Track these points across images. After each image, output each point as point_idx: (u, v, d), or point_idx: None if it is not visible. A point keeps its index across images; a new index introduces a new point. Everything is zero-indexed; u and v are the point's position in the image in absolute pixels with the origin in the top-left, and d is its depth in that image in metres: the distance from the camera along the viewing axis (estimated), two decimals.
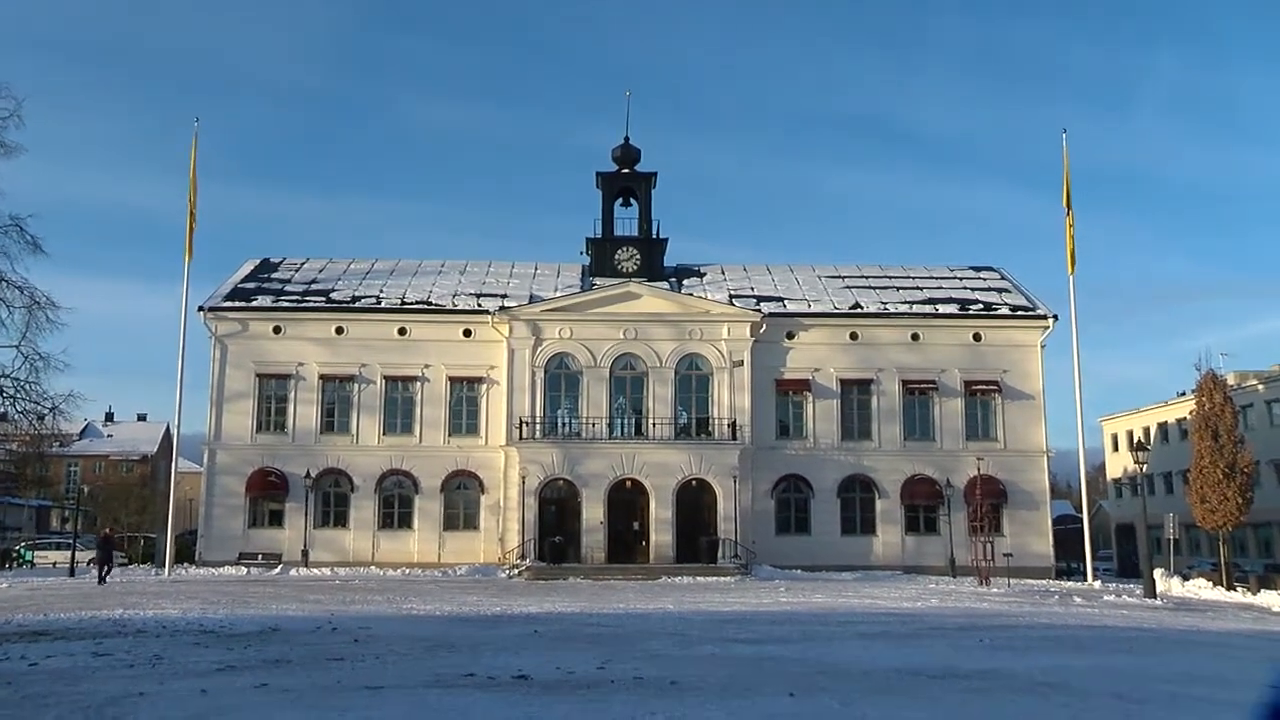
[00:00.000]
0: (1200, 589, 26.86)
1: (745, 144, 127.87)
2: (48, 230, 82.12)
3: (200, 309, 35.02)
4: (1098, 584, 30.65)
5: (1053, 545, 34.71)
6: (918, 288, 38.41)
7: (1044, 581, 30.95)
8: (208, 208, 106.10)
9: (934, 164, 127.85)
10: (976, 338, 35.96)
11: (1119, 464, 55.33)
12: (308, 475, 33.56)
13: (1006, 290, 38.20)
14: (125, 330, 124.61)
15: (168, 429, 62.28)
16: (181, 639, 12.92)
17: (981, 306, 36.64)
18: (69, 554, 34.40)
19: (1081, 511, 38.84)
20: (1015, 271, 41.48)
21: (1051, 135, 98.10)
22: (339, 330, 35.26)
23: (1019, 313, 36.32)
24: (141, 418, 67.53)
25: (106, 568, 26.75)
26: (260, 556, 32.97)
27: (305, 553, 33.23)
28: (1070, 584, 30.86)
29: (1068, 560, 38.08)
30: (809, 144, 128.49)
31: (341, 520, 34.28)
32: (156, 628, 14.30)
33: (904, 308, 36.41)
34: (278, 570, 31.73)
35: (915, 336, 35.89)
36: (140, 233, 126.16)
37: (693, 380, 34.96)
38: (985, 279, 39.58)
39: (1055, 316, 35.96)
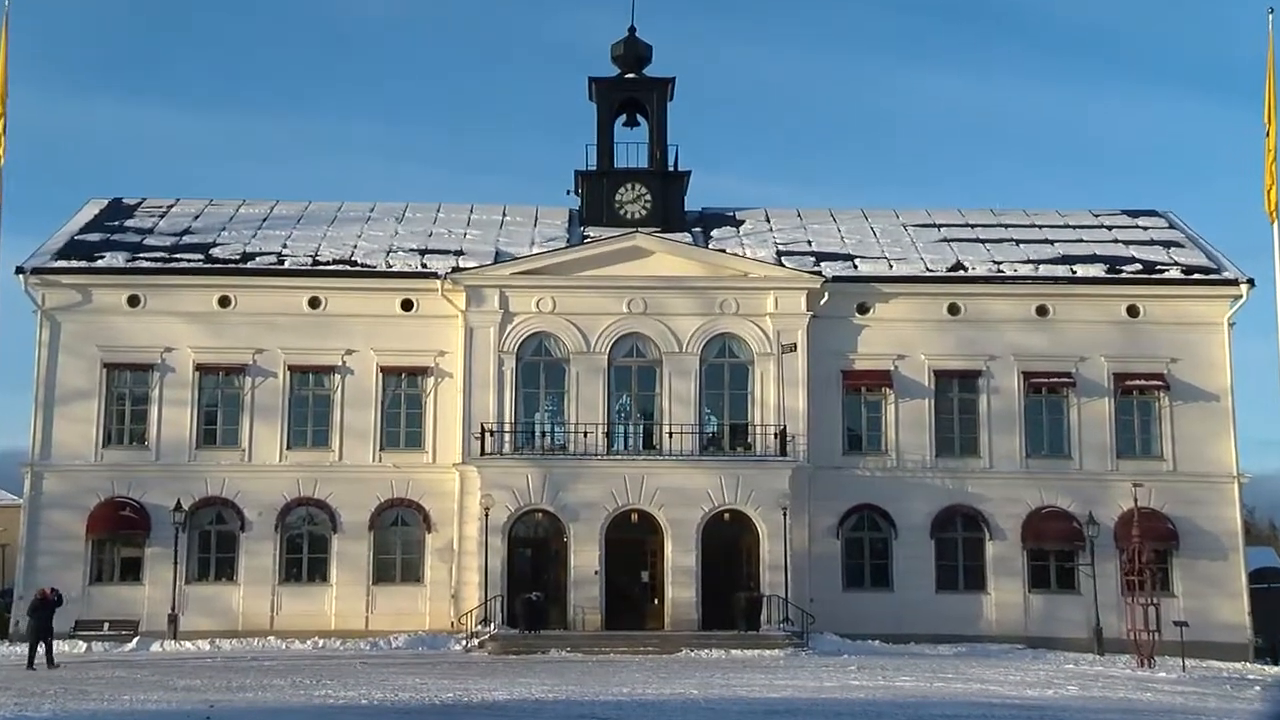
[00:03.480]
0: None
1: (800, 40, 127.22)
2: None
3: (19, 271, 34.86)
4: None
5: (1249, 612, 34.43)
6: (1047, 240, 38.26)
7: (1237, 665, 30.74)
8: (28, 125, 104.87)
9: (1070, 66, 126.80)
10: (1133, 312, 35.74)
11: None
12: (178, 508, 33.45)
13: (1178, 244, 38.00)
14: None
15: None
16: None
17: (1140, 267, 36.44)
18: None
19: None
20: (1191, 217, 41.07)
21: (1249, 19, 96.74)
22: (224, 301, 35.25)
23: (1196, 276, 36.13)
24: None
25: (47, 643, 26.14)
26: (108, 625, 32.76)
27: (174, 618, 33.11)
28: (1278, 670, 30.60)
29: (1272, 634, 37.68)
30: (890, 39, 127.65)
31: (227, 571, 34.28)
32: None
33: (1027, 269, 36.30)
34: (133, 644, 31.52)
35: (1043, 310, 35.77)
36: None
37: (725, 372, 34.95)
38: (1146, 227, 39.40)
39: (1250, 281, 35.66)
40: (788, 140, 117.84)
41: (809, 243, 37.83)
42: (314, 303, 35.31)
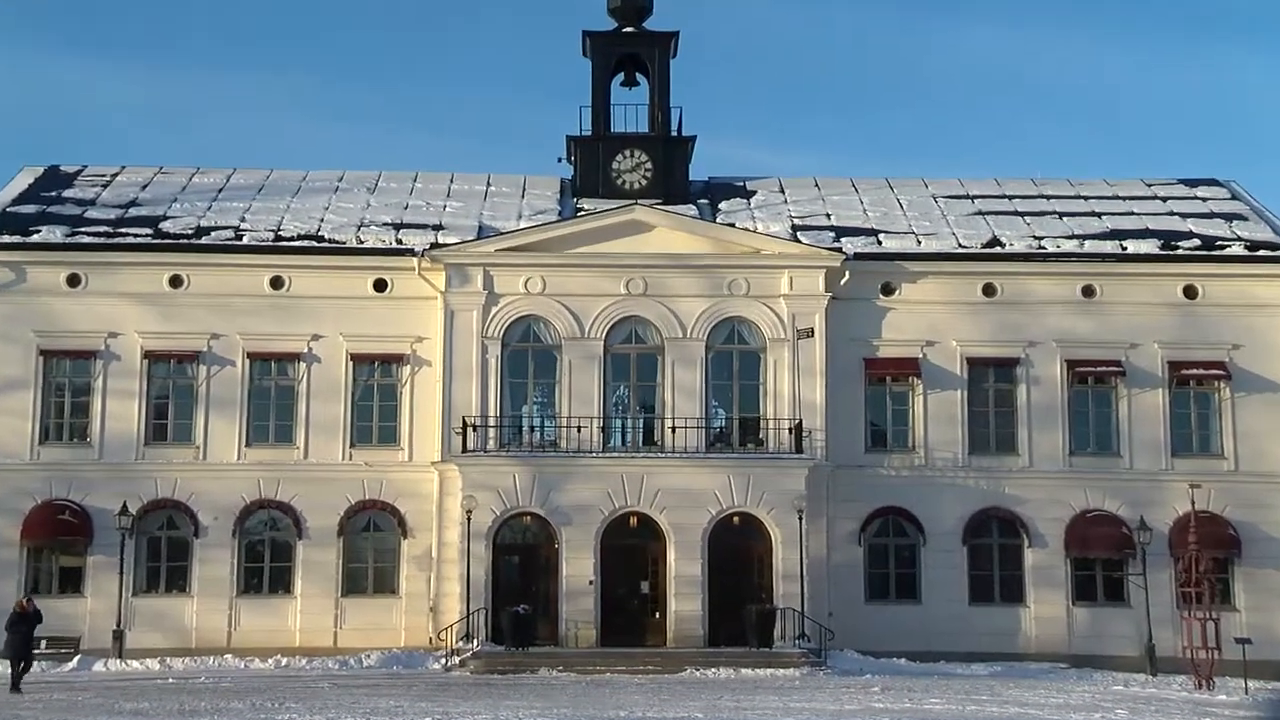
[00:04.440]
0: None
1: None
2: None
3: None
4: None
5: None
6: (1094, 213, 38.21)
7: None
8: None
9: (1120, 17, 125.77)
10: (1190, 293, 35.70)
11: None
12: (124, 512, 33.28)
13: (1240, 217, 37.94)
14: None
15: None
16: None
17: (1199, 243, 36.38)
18: None
19: None
20: (1256, 187, 41.43)
21: None
22: (175, 281, 35.14)
23: (1261, 252, 36.07)
24: None
25: (24, 663, 26.02)
26: (45, 642, 31.86)
27: (120, 634, 33.06)
28: None
29: None
30: None
31: (179, 582, 34.24)
32: None
33: (1072, 245, 36.27)
34: (74, 664, 31.41)
35: (1089, 291, 35.74)
36: None
37: (734, 360, 34.99)
38: (1205, 198, 39.41)
39: None
40: (804, 102, 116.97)
41: (828, 216, 37.72)
42: (276, 283, 35.16)
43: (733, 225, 36.41)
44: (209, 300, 34.93)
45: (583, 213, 36.56)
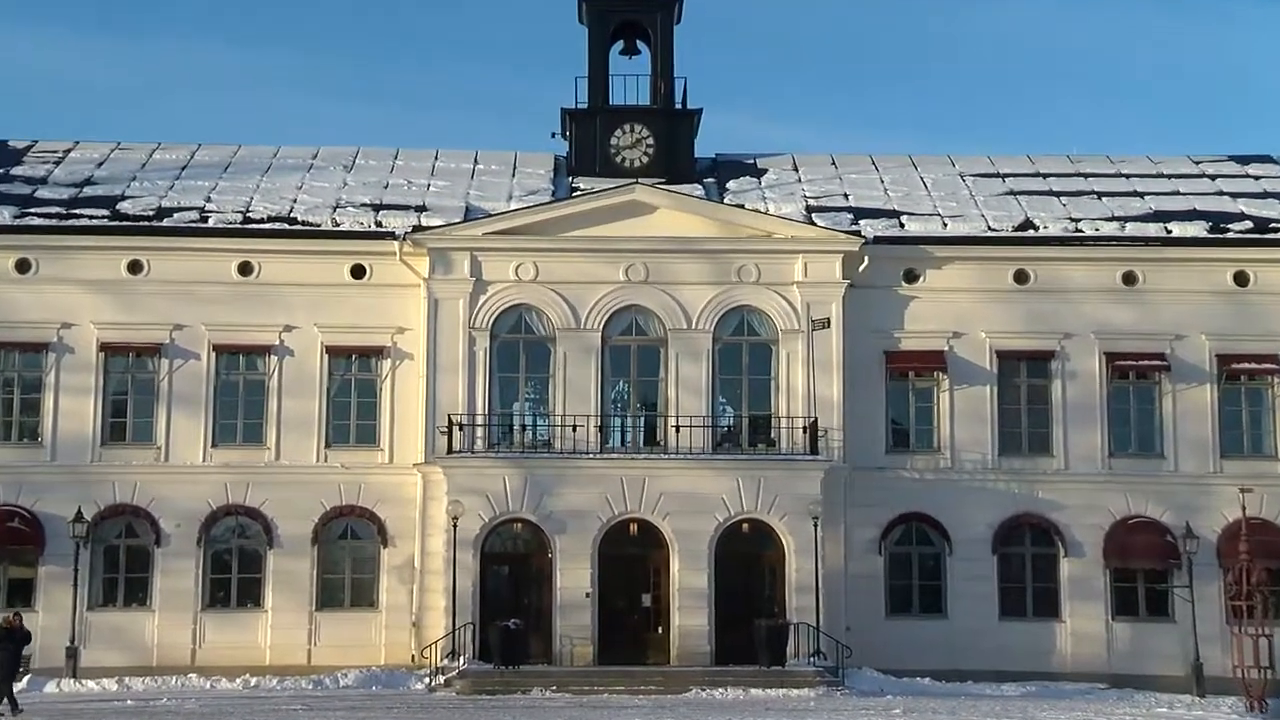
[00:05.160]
0: None
1: None
2: None
3: None
4: None
5: None
6: (1136, 193, 38.20)
7: None
8: None
9: None
10: (1241, 280, 35.64)
11: None
12: (79, 518, 33.22)
13: None
14: None
15: None
16: None
17: (1250, 225, 36.31)
18: None
19: None
20: None
21: None
22: (134, 267, 35.15)
23: None
24: None
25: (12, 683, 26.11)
26: None
27: (74, 652, 33.03)
28: None
29: None
30: None
31: (139, 595, 34.26)
32: None
33: (1111, 228, 36.22)
34: (24, 684, 30.84)
35: (1131, 278, 35.70)
36: None
37: (744, 353, 35.04)
38: (1257, 176, 39.46)
39: None
40: (819, 74, 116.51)
41: (845, 196, 37.72)
42: (244, 269, 35.18)
43: (742, 206, 36.40)
44: (171, 288, 34.91)
45: (579, 193, 36.57)
